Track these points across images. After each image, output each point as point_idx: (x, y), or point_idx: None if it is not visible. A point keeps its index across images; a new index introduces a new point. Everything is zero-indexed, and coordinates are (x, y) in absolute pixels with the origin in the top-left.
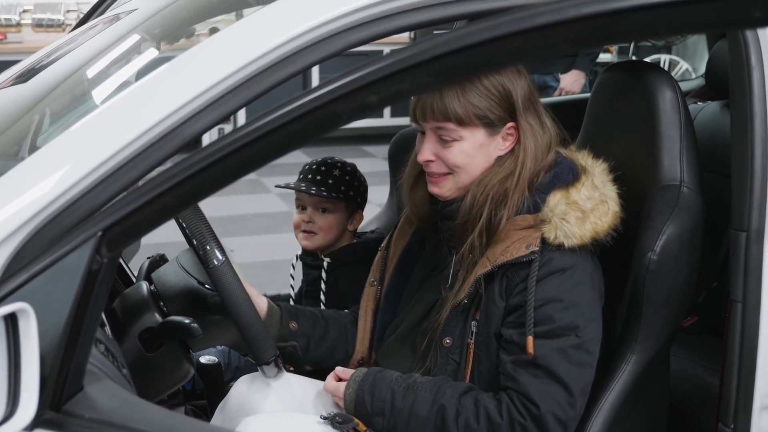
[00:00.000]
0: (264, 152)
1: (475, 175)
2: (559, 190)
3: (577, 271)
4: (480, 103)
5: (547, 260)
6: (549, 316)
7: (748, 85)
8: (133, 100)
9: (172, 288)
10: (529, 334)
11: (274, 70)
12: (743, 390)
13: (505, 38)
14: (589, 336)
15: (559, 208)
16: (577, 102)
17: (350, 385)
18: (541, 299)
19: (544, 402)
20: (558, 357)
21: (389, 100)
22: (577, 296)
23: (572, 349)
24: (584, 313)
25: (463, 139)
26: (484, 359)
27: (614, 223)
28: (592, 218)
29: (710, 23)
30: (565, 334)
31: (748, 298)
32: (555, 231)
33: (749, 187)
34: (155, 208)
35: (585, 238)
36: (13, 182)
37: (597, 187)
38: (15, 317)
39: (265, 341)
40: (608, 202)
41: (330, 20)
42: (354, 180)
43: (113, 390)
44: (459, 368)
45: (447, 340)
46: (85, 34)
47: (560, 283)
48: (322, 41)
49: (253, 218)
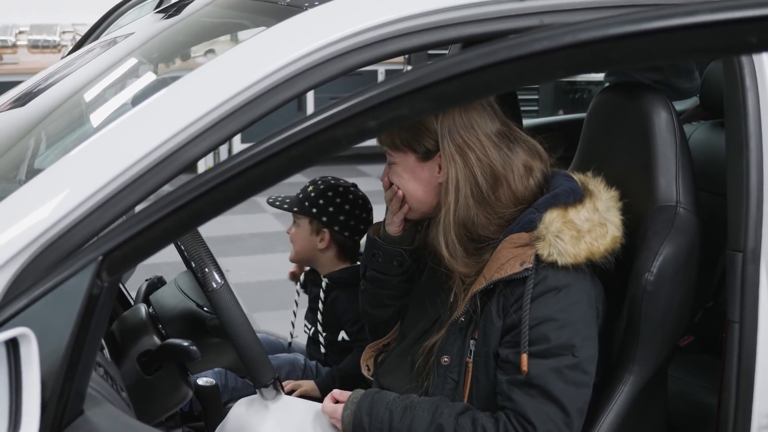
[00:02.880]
0: (264, 177)
1: (419, 201)
2: (557, 208)
3: (573, 290)
4: (403, 130)
5: (543, 278)
6: (544, 335)
7: (742, 106)
8: (132, 124)
9: (171, 311)
10: (524, 352)
11: (273, 94)
12: (741, 410)
13: (502, 64)
14: (585, 355)
15: (554, 225)
16: (572, 122)
17: (348, 407)
18: (537, 318)
19: (540, 422)
20: (554, 377)
21: (388, 124)
22: (573, 315)
23: (568, 369)
24: (580, 332)
25: (397, 164)
26: (482, 378)
27: (612, 247)
28: (588, 239)
29: (706, 49)
30: (562, 353)
31: (745, 318)
32: (549, 248)
33: (745, 208)
34: (156, 233)
35: (579, 257)
36: (13, 206)
37: (598, 210)
38: (16, 342)
39: (263, 364)
40: (608, 226)
41: (328, 44)
42: (320, 198)
43: (113, 414)
44: (457, 387)
45: (445, 358)
46: (83, 57)
47: (555, 302)
48: (320, 65)
49: (248, 238)
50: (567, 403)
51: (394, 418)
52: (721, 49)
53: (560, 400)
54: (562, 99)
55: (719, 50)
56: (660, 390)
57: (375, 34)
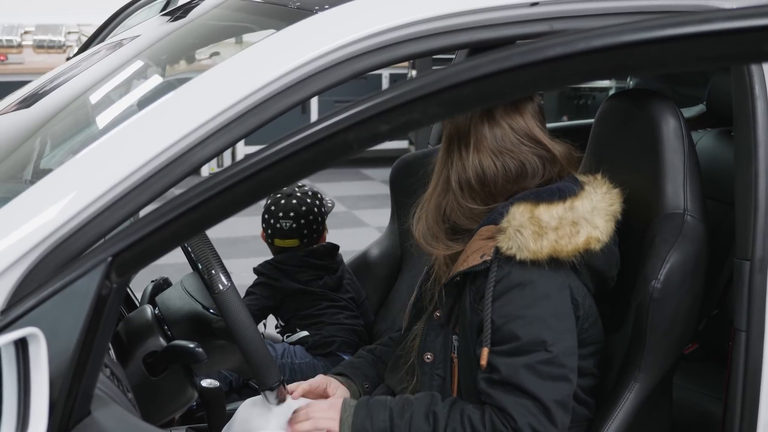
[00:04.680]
0: (274, 180)
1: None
2: (527, 203)
3: (539, 285)
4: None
5: (506, 274)
6: (513, 333)
7: (752, 114)
8: (141, 126)
9: (177, 312)
10: (485, 346)
11: (282, 97)
12: (747, 419)
13: (516, 69)
14: (560, 349)
15: (517, 219)
16: (580, 128)
17: (344, 422)
18: (504, 316)
19: (520, 415)
20: (526, 373)
21: (400, 129)
22: (541, 311)
23: (542, 364)
24: (552, 327)
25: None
26: (468, 373)
27: (585, 248)
28: (553, 236)
29: (720, 57)
30: (533, 349)
31: (752, 327)
32: (508, 241)
33: (753, 216)
34: (165, 235)
35: (540, 254)
36: (22, 207)
37: (575, 209)
38: (25, 341)
39: (269, 367)
40: (581, 225)
41: (337, 48)
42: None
43: (120, 415)
44: (445, 383)
45: (428, 355)
46: (89, 59)
47: (520, 299)
48: (329, 68)
49: (251, 240)
50: (544, 397)
51: (393, 415)
52: (734, 58)
53: (536, 395)
54: (567, 105)
55: (733, 58)
56: (665, 398)
57: (384, 38)
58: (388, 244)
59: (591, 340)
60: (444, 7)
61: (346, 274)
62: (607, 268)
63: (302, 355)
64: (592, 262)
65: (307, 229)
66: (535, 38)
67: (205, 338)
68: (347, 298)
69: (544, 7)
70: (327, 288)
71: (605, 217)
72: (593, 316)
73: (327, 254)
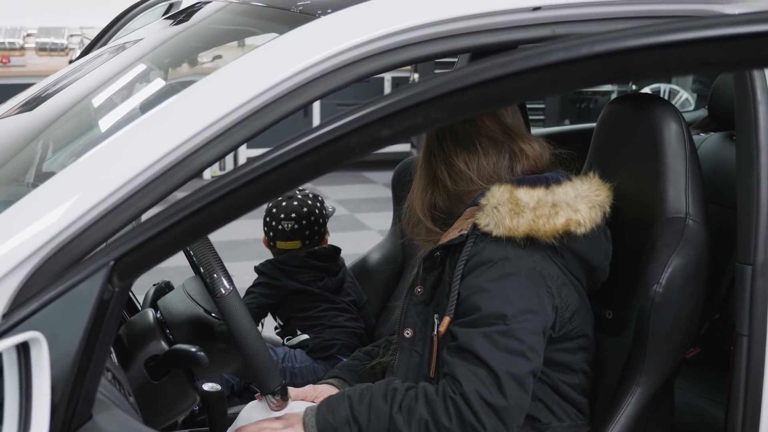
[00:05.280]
0: (277, 184)
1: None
2: (508, 184)
3: (509, 263)
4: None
5: (480, 250)
6: (476, 305)
7: (753, 119)
8: (143, 129)
9: (179, 316)
10: (447, 315)
11: (285, 101)
12: (749, 424)
13: (519, 74)
14: (520, 325)
15: (496, 198)
16: (582, 132)
17: (308, 413)
18: (470, 288)
19: (468, 381)
20: (482, 341)
21: (403, 134)
22: (506, 288)
23: (498, 335)
24: (514, 304)
25: None
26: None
27: (564, 229)
28: (530, 215)
29: (723, 63)
30: (493, 322)
31: (754, 331)
32: (486, 218)
33: (755, 221)
34: (168, 239)
35: (516, 231)
36: (23, 211)
37: (555, 193)
38: (27, 345)
39: (271, 371)
40: (561, 208)
41: (340, 52)
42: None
43: (122, 419)
44: (422, 361)
45: (407, 331)
46: (91, 63)
47: (489, 274)
48: (332, 72)
49: (253, 244)
50: (497, 367)
51: (353, 402)
52: (737, 63)
53: (489, 364)
54: (568, 108)
55: (736, 64)
56: (666, 402)
57: (387, 42)
58: (389, 248)
59: (577, 333)
60: (446, 12)
61: (348, 277)
62: (593, 256)
63: (303, 359)
64: (574, 246)
65: (308, 231)
66: (538, 43)
67: (206, 342)
68: (348, 301)
69: (546, 12)
70: (327, 290)
71: (588, 204)
72: (574, 305)
73: (329, 256)
